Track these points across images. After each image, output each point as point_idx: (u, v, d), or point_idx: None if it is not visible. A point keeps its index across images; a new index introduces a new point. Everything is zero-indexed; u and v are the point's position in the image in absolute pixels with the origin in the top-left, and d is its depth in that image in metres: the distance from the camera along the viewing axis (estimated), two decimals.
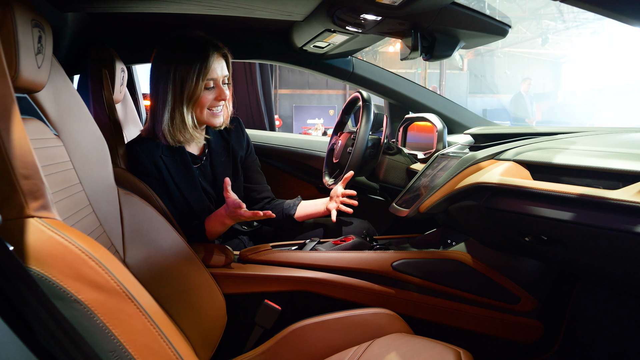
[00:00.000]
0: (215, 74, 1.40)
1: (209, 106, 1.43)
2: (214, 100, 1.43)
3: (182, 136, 1.43)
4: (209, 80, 1.40)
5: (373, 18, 1.32)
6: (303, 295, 1.38)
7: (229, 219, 1.39)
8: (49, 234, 0.65)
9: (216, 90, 1.42)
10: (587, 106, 9.20)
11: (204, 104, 1.42)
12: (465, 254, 1.44)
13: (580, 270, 1.25)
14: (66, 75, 1.06)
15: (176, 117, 1.40)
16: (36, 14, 0.83)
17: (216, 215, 1.43)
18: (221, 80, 1.43)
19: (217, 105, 1.44)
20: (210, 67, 1.38)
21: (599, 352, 1.38)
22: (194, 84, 1.37)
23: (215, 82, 1.42)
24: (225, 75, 1.44)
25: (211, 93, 1.42)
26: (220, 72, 1.42)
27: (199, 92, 1.39)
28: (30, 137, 0.85)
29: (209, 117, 1.45)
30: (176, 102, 1.39)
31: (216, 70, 1.40)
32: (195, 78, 1.37)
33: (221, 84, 1.43)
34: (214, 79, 1.41)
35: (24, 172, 0.65)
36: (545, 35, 12.10)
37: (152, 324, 0.70)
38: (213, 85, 1.41)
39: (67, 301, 0.64)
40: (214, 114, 1.45)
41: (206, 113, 1.44)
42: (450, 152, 1.49)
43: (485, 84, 14.00)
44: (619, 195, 0.89)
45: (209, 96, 1.42)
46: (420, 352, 1.05)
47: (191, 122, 1.42)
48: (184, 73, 1.37)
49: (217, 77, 1.41)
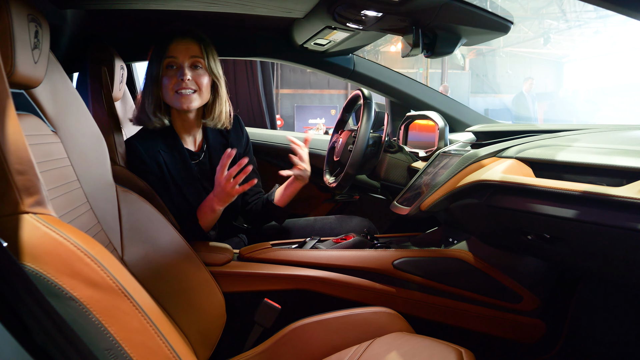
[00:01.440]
0: (176, 53, 1.42)
1: (174, 87, 1.43)
2: (177, 81, 1.42)
3: (147, 119, 1.46)
4: (170, 59, 1.42)
5: (374, 14, 1.31)
6: (303, 293, 1.37)
7: (218, 202, 1.38)
8: (44, 230, 0.64)
9: (178, 72, 1.43)
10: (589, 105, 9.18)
11: (167, 85, 1.43)
12: (466, 252, 1.43)
13: (583, 269, 1.24)
14: (64, 72, 1.05)
15: (144, 99, 1.45)
16: (32, 9, 0.82)
17: (205, 203, 1.42)
18: (187, 62, 1.43)
19: (183, 88, 1.43)
20: (169, 47, 1.41)
21: (601, 351, 1.37)
22: (155, 62, 1.43)
23: (176, 63, 1.43)
24: (193, 57, 1.44)
25: (173, 73, 1.43)
26: (185, 54, 1.43)
27: (160, 71, 1.42)
28: (27, 133, 0.85)
29: (174, 99, 1.44)
30: (146, 85, 1.45)
31: (177, 50, 1.42)
32: (157, 57, 1.42)
33: (185, 66, 1.42)
34: (174, 57, 1.42)
35: (19, 167, 0.64)
36: (547, 34, 12.07)
37: (149, 322, 0.70)
38: (174, 66, 1.43)
39: (62, 298, 0.63)
40: (181, 94, 1.43)
41: (172, 94, 1.44)
42: (451, 149, 1.48)
43: (487, 83, 13.98)
44: (623, 192, 0.88)
45: (172, 77, 1.43)
46: (421, 351, 1.04)
47: (153, 104, 1.44)
48: (152, 56, 1.44)
49: (177, 56, 1.42)
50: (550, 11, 11.90)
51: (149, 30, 1.79)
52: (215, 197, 1.37)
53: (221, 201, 1.37)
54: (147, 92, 1.45)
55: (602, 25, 11.36)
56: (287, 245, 1.56)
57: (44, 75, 0.89)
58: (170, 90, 1.43)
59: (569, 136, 1.24)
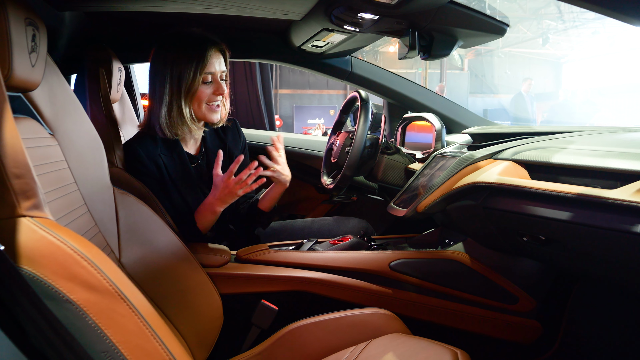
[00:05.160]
0: (213, 68, 1.41)
1: (207, 101, 1.43)
2: (212, 95, 1.43)
3: (179, 129, 1.43)
4: (207, 74, 1.40)
5: (370, 17, 1.31)
6: (300, 295, 1.38)
7: (219, 204, 1.38)
8: (41, 234, 0.65)
9: (214, 85, 1.43)
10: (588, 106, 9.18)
11: (202, 98, 1.42)
12: (463, 254, 1.44)
13: (578, 270, 1.25)
14: (61, 74, 1.06)
15: (174, 110, 1.41)
16: (30, 13, 0.83)
17: (204, 205, 1.42)
18: (219, 75, 1.43)
19: (215, 100, 1.44)
20: (207, 61, 1.39)
21: (597, 352, 1.37)
22: (191, 77, 1.38)
23: (213, 77, 1.42)
24: (223, 71, 1.45)
25: (209, 87, 1.42)
26: (218, 67, 1.43)
27: (197, 85, 1.40)
28: (24, 136, 0.85)
29: (207, 112, 1.44)
30: (173, 95, 1.40)
31: (214, 64, 1.41)
32: (193, 72, 1.38)
33: (219, 79, 1.43)
34: (212, 73, 1.41)
35: (16, 171, 0.64)
36: (545, 35, 12.08)
37: (145, 325, 0.70)
38: (211, 79, 1.42)
39: (59, 301, 0.63)
40: (212, 108, 1.45)
41: (204, 108, 1.44)
42: (448, 151, 1.48)
43: (485, 84, 13.98)
44: (617, 194, 0.88)
45: (206, 90, 1.42)
46: (417, 352, 1.04)
47: (189, 114, 1.42)
48: (182, 67, 1.38)
49: (214, 72, 1.42)
50: (548, 12, 11.90)
51: (147, 33, 1.80)
52: (217, 199, 1.37)
53: (224, 202, 1.38)
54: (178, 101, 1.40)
55: (600, 25, 11.37)
56: (285, 246, 1.57)
57: (42, 79, 0.89)
58: (203, 103, 1.43)
59: (564, 138, 1.24)
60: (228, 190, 1.35)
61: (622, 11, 0.87)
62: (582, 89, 11.22)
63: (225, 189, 1.35)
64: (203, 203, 1.43)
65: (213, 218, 1.42)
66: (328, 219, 1.88)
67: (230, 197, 1.36)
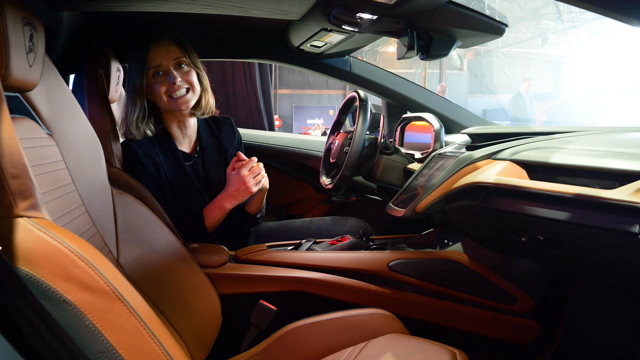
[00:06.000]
0: (159, 60, 1.41)
1: (167, 93, 1.43)
2: (169, 86, 1.42)
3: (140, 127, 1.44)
4: (153, 67, 1.41)
5: (369, 17, 1.31)
6: (298, 295, 1.38)
7: (229, 200, 1.40)
8: (38, 234, 0.65)
9: (167, 77, 1.42)
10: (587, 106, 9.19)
11: (160, 92, 1.43)
12: (461, 254, 1.44)
13: (577, 271, 1.25)
14: (59, 74, 1.06)
15: (129, 108, 1.43)
16: (27, 13, 0.82)
17: (214, 203, 1.44)
18: (171, 65, 1.43)
19: (175, 90, 1.43)
20: (149, 57, 1.41)
21: (595, 352, 1.37)
22: (137, 75, 1.41)
23: (162, 69, 1.42)
24: (175, 59, 1.44)
25: (163, 80, 1.42)
26: (166, 57, 1.42)
27: (143, 81, 1.41)
28: (22, 136, 0.85)
29: (170, 104, 1.45)
30: (129, 94, 1.43)
31: (159, 56, 1.42)
32: (139, 70, 1.41)
33: (171, 69, 1.42)
34: (158, 65, 1.42)
35: (13, 171, 0.64)
36: (545, 35, 12.09)
37: (143, 325, 0.70)
38: (161, 72, 1.42)
39: (56, 302, 0.63)
40: (176, 98, 1.44)
41: (167, 100, 1.44)
42: (447, 151, 1.48)
43: (484, 84, 13.98)
44: (615, 194, 0.88)
45: (161, 83, 1.42)
46: (415, 352, 1.04)
47: (140, 112, 1.43)
48: (131, 68, 1.43)
49: (161, 64, 1.42)
50: (547, 12, 11.91)
51: (145, 32, 1.79)
52: (228, 194, 1.39)
53: (235, 199, 1.41)
54: (131, 103, 1.44)
55: (599, 26, 11.38)
56: (283, 247, 1.56)
57: (39, 79, 0.89)
58: (163, 95, 1.43)
59: (563, 138, 1.24)
60: (245, 187, 1.38)
61: (621, 11, 0.87)
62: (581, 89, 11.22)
63: (240, 181, 1.37)
64: (212, 202, 1.44)
65: (221, 216, 1.44)
66: (326, 219, 1.88)
67: (243, 194, 1.39)
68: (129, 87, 1.44)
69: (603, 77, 12.39)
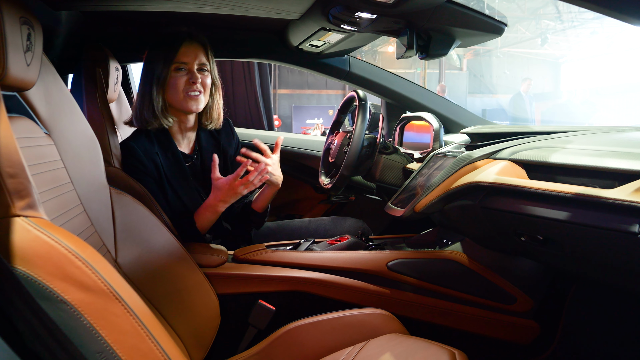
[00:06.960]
0: (186, 59, 1.43)
1: (184, 90, 1.44)
2: (188, 84, 1.43)
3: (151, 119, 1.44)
4: (178, 63, 1.42)
5: (368, 16, 1.31)
6: (297, 295, 1.37)
7: (221, 205, 1.40)
8: (35, 234, 0.64)
9: (188, 74, 1.44)
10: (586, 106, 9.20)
11: (178, 87, 1.43)
12: (461, 254, 1.44)
13: (576, 270, 1.25)
14: (57, 74, 1.05)
15: (145, 100, 1.43)
16: (25, 12, 0.82)
17: (205, 206, 1.43)
18: (195, 66, 1.44)
19: (193, 90, 1.44)
20: (178, 51, 1.42)
21: (595, 352, 1.37)
22: (161, 66, 1.42)
23: (187, 67, 1.44)
24: (200, 63, 1.46)
25: (182, 76, 1.43)
26: (193, 58, 1.44)
27: (166, 73, 1.42)
28: (20, 135, 0.85)
29: (186, 101, 1.45)
30: (146, 86, 1.43)
31: (187, 55, 1.43)
32: (163, 61, 1.42)
33: (194, 69, 1.44)
34: (184, 62, 1.43)
35: (10, 170, 0.64)
36: (544, 35, 12.08)
37: (140, 325, 0.69)
38: (184, 69, 1.43)
39: (53, 301, 0.63)
40: (190, 96, 1.45)
41: (182, 96, 1.44)
42: (446, 151, 1.48)
43: (484, 84, 13.98)
44: (615, 194, 0.88)
45: (180, 79, 1.43)
46: (415, 352, 1.04)
47: (160, 105, 1.43)
48: (155, 59, 1.43)
49: (188, 62, 1.44)
50: (547, 12, 11.91)
51: (144, 32, 1.79)
52: (219, 200, 1.39)
53: (226, 202, 1.40)
54: (150, 93, 1.43)
55: (599, 25, 11.38)
56: (282, 246, 1.56)
57: (37, 78, 0.89)
58: (180, 92, 1.44)
59: (562, 138, 1.24)
60: (233, 192, 1.37)
61: (622, 11, 0.87)
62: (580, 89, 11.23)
63: (230, 190, 1.36)
64: (203, 205, 1.43)
65: (214, 218, 1.43)
66: (325, 218, 1.88)
67: (233, 197, 1.38)
68: (148, 79, 1.44)
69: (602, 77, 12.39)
